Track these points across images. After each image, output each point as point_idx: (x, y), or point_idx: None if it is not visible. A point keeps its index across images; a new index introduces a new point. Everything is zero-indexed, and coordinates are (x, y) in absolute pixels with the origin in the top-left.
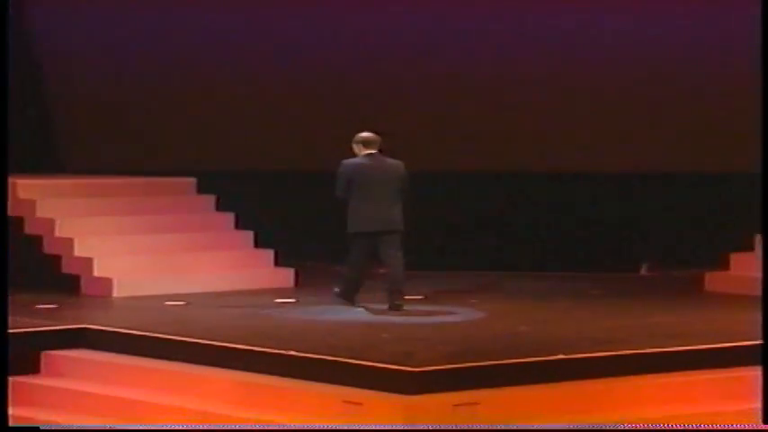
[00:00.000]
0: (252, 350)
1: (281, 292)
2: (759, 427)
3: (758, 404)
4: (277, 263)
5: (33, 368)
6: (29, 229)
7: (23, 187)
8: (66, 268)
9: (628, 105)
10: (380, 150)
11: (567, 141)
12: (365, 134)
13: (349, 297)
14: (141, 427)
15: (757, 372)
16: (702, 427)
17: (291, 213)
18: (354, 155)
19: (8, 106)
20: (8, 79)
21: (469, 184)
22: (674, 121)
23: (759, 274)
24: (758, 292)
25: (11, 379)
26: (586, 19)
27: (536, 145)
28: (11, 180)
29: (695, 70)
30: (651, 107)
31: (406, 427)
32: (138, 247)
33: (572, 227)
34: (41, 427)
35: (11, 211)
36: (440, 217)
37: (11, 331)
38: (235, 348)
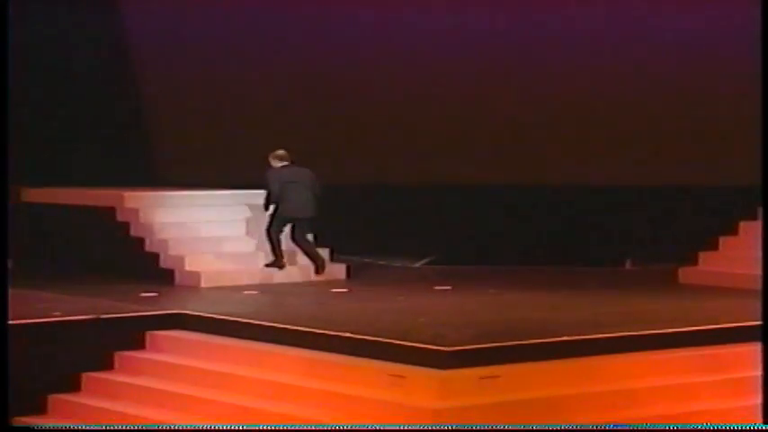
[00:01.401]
0: (314, 332)
1: (336, 284)
2: (758, 427)
3: (726, 376)
4: (332, 259)
5: (140, 345)
6: (133, 232)
7: (129, 199)
8: (164, 264)
9: (618, 130)
10: (292, 162)
11: (567, 158)
12: (280, 152)
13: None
14: (153, 428)
15: (725, 350)
16: (702, 427)
17: (344, 218)
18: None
19: (8, 107)
20: (8, 80)
21: (487, 196)
22: (656, 143)
23: (723, 269)
24: (722, 283)
25: (122, 354)
26: (575, 38)
27: (540, 162)
28: (120, 192)
29: (673, 99)
30: (637, 132)
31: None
32: (221, 246)
33: (570, 229)
34: (35, 427)
35: (120, 218)
36: (464, 223)
37: (124, 315)
38: (300, 330)
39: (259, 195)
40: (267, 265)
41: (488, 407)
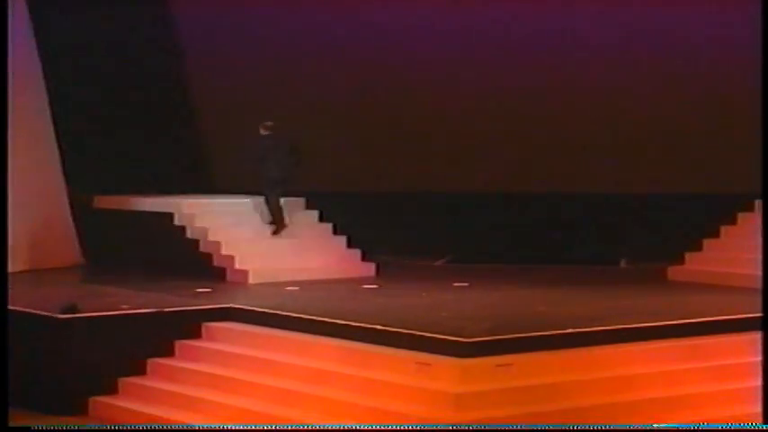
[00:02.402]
0: (348, 324)
1: (367, 280)
2: (758, 427)
3: (710, 363)
4: (363, 258)
5: (196, 335)
6: (190, 234)
7: (185, 205)
8: (216, 263)
9: (614, 143)
10: (274, 131)
11: (571, 169)
12: (268, 123)
13: (279, 229)
14: (157, 427)
15: (709, 340)
16: (702, 427)
17: (373, 221)
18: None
19: (7, 108)
20: (7, 79)
21: (499, 202)
22: (648, 155)
23: (707, 268)
24: (706, 280)
25: (181, 343)
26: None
27: (546, 172)
28: (178, 200)
29: (665, 114)
30: (630, 145)
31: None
32: (266, 248)
33: (571, 231)
34: (33, 427)
35: (177, 222)
36: (479, 226)
37: (183, 308)
38: (336, 322)
39: (300, 203)
40: (274, 233)
41: (503, 391)
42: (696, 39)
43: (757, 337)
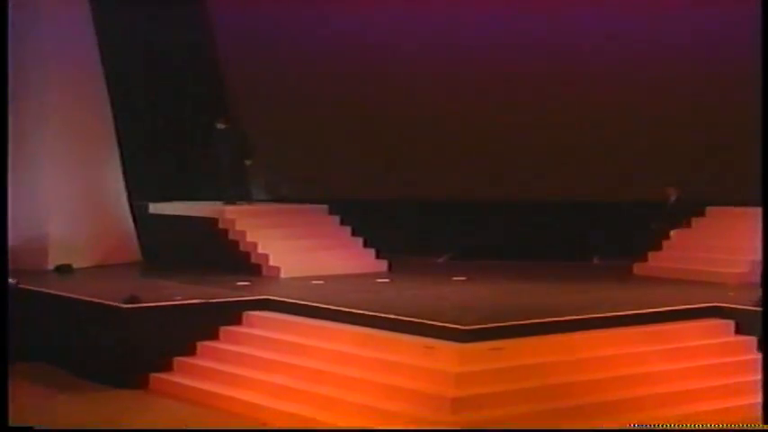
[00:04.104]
0: (365, 313)
1: (380, 275)
2: (758, 427)
3: (670, 346)
4: (378, 256)
5: (238, 322)
6: (231, 236)
7: (228, 211)
8: (254, 260)
9: (594, 158)
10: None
11: (553, 180)
12: (223, 118)
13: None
14: (159, 428)
15: (669, 326)
16: (701, 427)
17: (385, 224)
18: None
19: (6, 108)
20: (7, 79)
21: (494, 208)
22: (619, 168)
23: (667, 264)
24: (666, 275)
25: (225, 328)
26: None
27: (540, 181)
28: (221, 207)
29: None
30: (605, 159)
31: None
32: (295, 247)
33: (552, 233)
34: (36, 427)
35: (221, 225)
36: (477, 227)
37: (226, 299)
38: (355, 312)
39: (324, 208)
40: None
41: (496, 371)
42: (679, 51)
43: (708, 323)
